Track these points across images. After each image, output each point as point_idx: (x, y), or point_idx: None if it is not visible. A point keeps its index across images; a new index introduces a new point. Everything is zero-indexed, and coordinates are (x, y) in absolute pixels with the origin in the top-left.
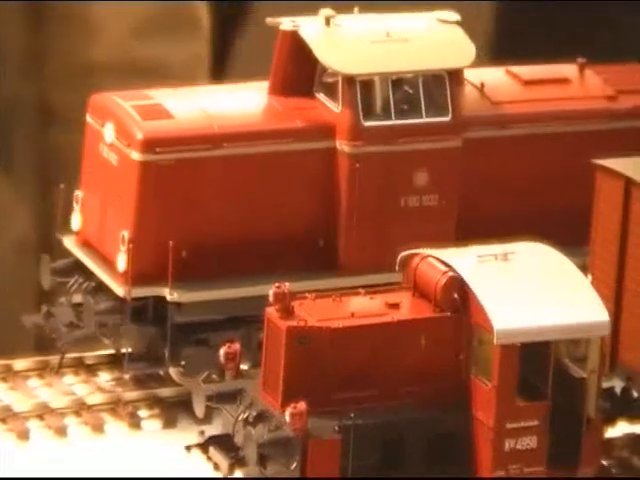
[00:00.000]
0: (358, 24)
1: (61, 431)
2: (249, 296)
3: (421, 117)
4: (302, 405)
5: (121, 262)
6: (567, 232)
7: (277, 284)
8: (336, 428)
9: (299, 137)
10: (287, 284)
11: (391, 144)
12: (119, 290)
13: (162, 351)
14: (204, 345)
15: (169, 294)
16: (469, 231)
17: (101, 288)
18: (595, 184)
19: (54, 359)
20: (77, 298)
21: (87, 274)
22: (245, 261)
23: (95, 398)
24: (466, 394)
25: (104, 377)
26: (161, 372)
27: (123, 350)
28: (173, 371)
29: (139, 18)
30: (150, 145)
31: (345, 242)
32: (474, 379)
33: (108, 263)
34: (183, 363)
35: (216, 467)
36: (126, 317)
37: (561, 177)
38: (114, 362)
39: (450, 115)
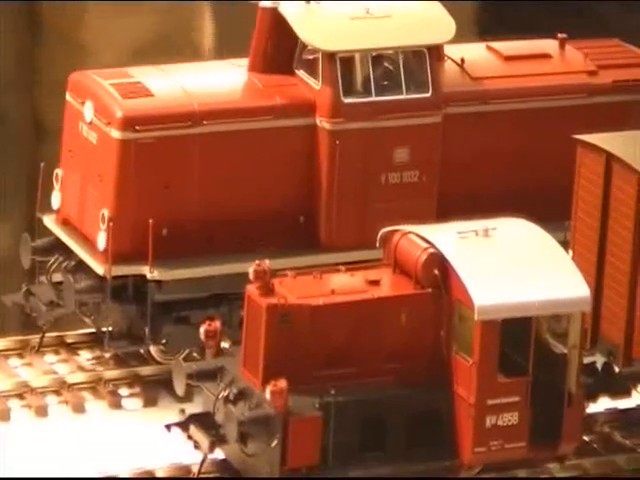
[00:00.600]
0: (338, 1)
1: (42, 410)
2: (230, 273)
3: (401, 93)
4: (282, 383)
5: (101, 241)
6: (548, 207)
7: (257, 262)
8: (317, 405)
9: (279, 114)
10: (267, 262)
11: (371, 121)
12: (99, 269)
13: (143, 329)
14: (185, 323)
15: (149, 272)
16: (450, 207)
17: (81, 267)
18: (576, 159)
19: (34, 338)
20: (57, 277)
21: (67, 253)
22: (226, 239)
23: (76, 377)
24: (447, 371)
25: (85, 356)
26: (142, 350)
27: (104, 329)
28: (154, 349)
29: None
30: (130, 123)
31: (326, 219)
32: (455, 356)
33: (88, 242)
34: (164, 341)
35: (196, 445)
36: (106, 296)
37: (542, 152)
38: (95, 341)
39: (430, 91)
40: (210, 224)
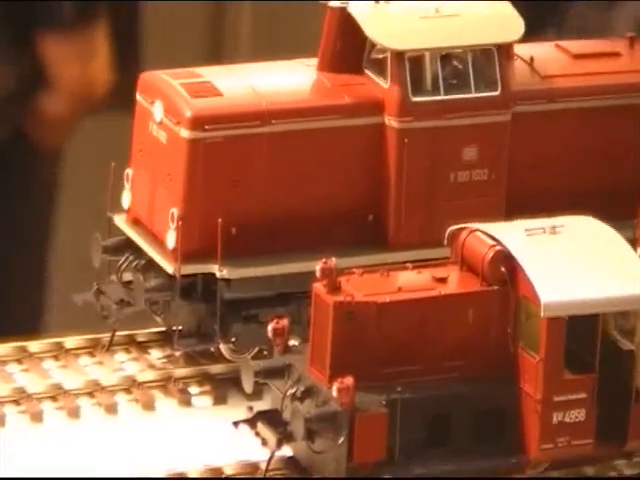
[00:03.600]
0: (407, 1)
1: (111, 408)
2: (298, 272)
3: (470, 92)
4: (349, 380)
5: (170, 239)
6: (617, 205)
7: (324, 259)
8: (383, 402)
9: (348, 113)
10: (334, 259)
11: (440, 119)
12: (169, 267)
13: (212, 328)
14: (254, 321)
15: (218, 271)
16: (519, 206)
17: (151, 266)
18: None
19: (105, 337)
20: (128, 276)
21: (137, 252)
22: (294, 237)
23: (146, 375)
24: (513, 368)
25: (155, 354)
26: (212, 349)
27: (173, 327)
28: (223, 348)
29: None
30: (199, 122)
31: (394, 218)
32: (521, 352)
33: (158, 241)
34: (233, 340)
35: (264, 442)
36: (176, 294)
37: (610, 151)
38: (165, 339)
39: (499, 89)
40: (278, 223)
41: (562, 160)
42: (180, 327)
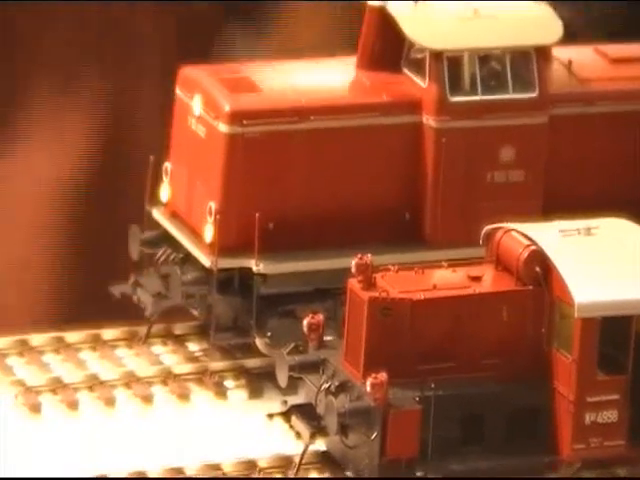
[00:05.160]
0: (446, 1)
1: (147, 399)
2: (334, 268)
3: (508, 93)
4: (383, 375)
5: (208, 233)
6: None
7: (360, 255)
8: (416, 399)
9: (386, 111)
10: (369, 256)
11: (477, 119)
12: (206, 261)
13: (248, 322)
14: (290, 317)
15: (255, 265)
16: (555, 208)
17: (189, 259)
18: None
19: (142, 329)
20: (165, 269)
21: (175, 245)
22: (331, 234)
23: (182, 368)
24: (547, 367)
25: (192, 347)
26: (248, 343)
27: (210, 321)
28: (259, 342)
29: None
30: (237, 118)
31: (431, 216)
32: (555, 352)
33: (195, 234)
34: (269, 334)
35: (298, 436)
36: (212, 288)
37: None
38: (202, 332)
39: (537, 91)
40: (315, 219)
41: (599, 163)
42: (216, 321)
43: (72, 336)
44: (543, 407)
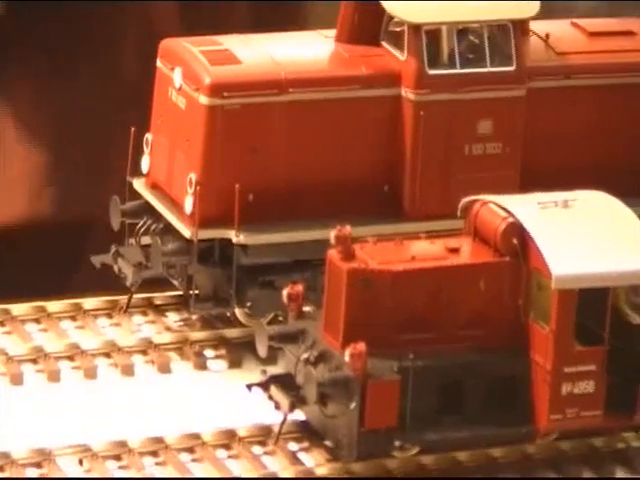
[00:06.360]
0: None
1: (128, 369)
2: (314, 239)
3: (486, 66)
4: (362, 346)
5: (188, 204)
6: (630, 182)
7: (339, 227)
8: (395, 369)
9: (365, 84)
10: (348, 227)
11: (456, 92)
12: (186, 232)
13: (228, 293)
14: (269, 287)
15: (235, 236)
16: (532, 180)
17: (169, 230)
18: None
19: (123, 299)
20: (146, 239)
21: (156, 216)
22: (310, 205)
23: (162, 338)
24: (524, 338)
25: (172, 317)
26: (227, 313)
27: (190, 291)
28: (239, 312)
29: None
30: (218, 89)
31: (410, 188)
32: (532, 323)
33: (176, 205)
34: (249, 304)
35: (277, 406)
36: (193, 258)
37: (623, 128)
38: (182, 303)
39: (514, 65)
40: (295, 191)
41: (576, 136)
42: (196, 291)
43: (53, 306)
44: (521, 378)
